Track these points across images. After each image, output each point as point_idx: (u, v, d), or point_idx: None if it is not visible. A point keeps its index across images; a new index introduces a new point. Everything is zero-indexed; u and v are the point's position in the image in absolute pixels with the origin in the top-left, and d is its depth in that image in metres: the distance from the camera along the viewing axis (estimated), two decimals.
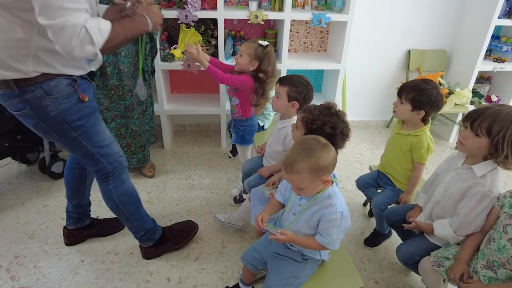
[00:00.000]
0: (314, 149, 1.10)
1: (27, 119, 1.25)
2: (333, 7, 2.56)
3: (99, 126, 1.38)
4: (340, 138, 1.31)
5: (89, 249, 1.80)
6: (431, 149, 1.62)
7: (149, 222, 1.68)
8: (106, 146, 1.41)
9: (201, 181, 2.42)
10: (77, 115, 1.28)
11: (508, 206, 1.18)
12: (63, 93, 1.21)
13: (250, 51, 1.87)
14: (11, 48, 1.10)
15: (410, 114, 1.58)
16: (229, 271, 1.70)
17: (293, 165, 1.08)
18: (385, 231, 1.84)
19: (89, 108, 1.32)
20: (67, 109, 1.25)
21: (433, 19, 2.92)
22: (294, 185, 1.14)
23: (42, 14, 1.00)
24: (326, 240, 1.17)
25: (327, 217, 1.15)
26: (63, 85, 1.22)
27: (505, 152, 1.18)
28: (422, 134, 1.60)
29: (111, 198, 1.52)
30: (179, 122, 3.14)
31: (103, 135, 1.40)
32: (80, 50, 1.06)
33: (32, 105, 1.20)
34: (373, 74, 3.10)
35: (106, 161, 1.43)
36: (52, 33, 1.03)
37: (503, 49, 2.89)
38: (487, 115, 1.19)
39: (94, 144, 1.37)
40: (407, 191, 1.70)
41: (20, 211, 2.06)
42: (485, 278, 1.20)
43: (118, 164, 1.48)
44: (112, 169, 1.46)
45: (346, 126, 1.34)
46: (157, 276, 1.66)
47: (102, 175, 1.47)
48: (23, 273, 1.65)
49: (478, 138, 1.21)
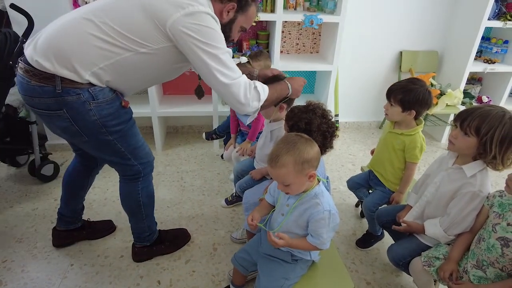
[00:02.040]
0: (297, 143, 1.11)
1: (58, 121, 1.24)
2: (325, 9, 2.57)
3: (134, 128, 1.42)
4: (318, 134, 1.31)
5: (79, 252, 1.77)
6: (424, 149, 1.62)
7: (155, 224, 1.72)
8: (139, 148, 1.44)
9: (193, 183, 2.40)
10: (117, 120, 1.31)
11: (498, 205, 1.19)
12: (107, 98, 1.24)
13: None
14: (86, 57, 1.15)
15: (402, 115, 1.58)
16: (220, 274, 1.68)
17: (278, 158, 1.09)
18: (377, 233, 1.84)
19: (129, 113, 1.36)
20: (109, 115, 1.27)
21: (425, 21, 2.94)
22: (280, 181, 1.14)
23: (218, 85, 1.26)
24: (318, 241, 1.17)
25: (315, 217, 1.16)
26: (107, 90, 1.25)
27: (493, 152, 1.18)
28: (416, 134, 1.60)
29: (136, 198, 1.54)
30: (172, 124, 3.13)
31: (136, 137, 1.43)
32: (256, 106, 1.32)
33: (71, 108, 1.20)
34: (365, 75, 3.12)
35: (138, 162, 1.46)
36: (237, 100, 1.28)
37: (493, 50, 2.92)
38: (476, 115, 1.20)
39: (128, 146, 1.39)
40: (399, 190, 1.70)
41: (8, 215, 2.03)
42: (475, 277, 1.20)
43: (149, 165, 1.52)
44: (143, 169, 1.49)
45: (325, 122, 1.34)
46: (148, 279, 1.64)
47: (132, 175, 1.49)
48: (11, 277, 1.62)
49: (467, 138, 1.22)
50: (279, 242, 1.16)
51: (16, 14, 2.08)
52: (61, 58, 1.14)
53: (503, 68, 2.87)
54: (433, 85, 2.80)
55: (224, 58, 1.23)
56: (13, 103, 2.49)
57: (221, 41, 1.23)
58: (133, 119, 1.41)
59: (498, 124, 1.17)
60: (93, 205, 2.13)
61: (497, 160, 1.20)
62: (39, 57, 1.14)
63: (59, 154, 2.67)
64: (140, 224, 1.64)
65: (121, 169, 1.49)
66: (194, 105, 2.76)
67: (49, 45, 1.15)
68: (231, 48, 2.63)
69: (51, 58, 1.14)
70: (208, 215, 2.08)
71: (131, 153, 1.41)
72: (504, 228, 1.13)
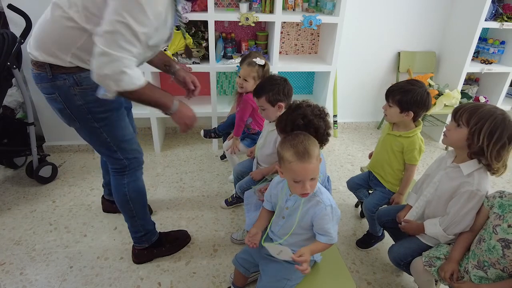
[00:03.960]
0: (311, 137, 1.15)
1: (54, 104, 1.32)
2: (324, 9, 2.57)
3: (121, 122, 1.42)
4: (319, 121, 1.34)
5: (78, 254, 1.76)
6: (423, 150, 1.62)
7: (150, 224, 1.71)
8: (125, 142, 1.46)
9: (192, 184, 2.40)
10: (102, 108, 1.32)
11: (498, 206, 1.20)
12: (92, 85, 1.24)
13: (253, 74, 1.98)
14: (61, 40, 1.19)
15: (400, 116, 1.58)
16: (221, 275, 1.68)
17: (308, 151, 1.08)
18: (378, 233, 1.85)
19: (115, 103, 1.35)
20: (94, 101, 1.28)
21: (422, 22, 2.96)
22: (310, 176, 1.10)
23: (100, 35, 1.06)
24: (328, 237, 1.19)
25: (318, 215, 1.16)
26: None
27: (481, 143, 1.20)
28: (414, 136, 1.60)
29: (123, 192, 1.55)
30: (170, 125, 3.11)
31: (123, 131, 1.44)
32: (104, 80, 1.10)
33: (61, 92, 1.27)
34: (363, 75, 3.12)
35: (124, 156, 1.47)
36: (98, 52, 1.07)
37: (490, 51, 2.94)
38: (469, 107, 1.25)
39: (114, 138, 1.42)
40: (399, 191, 1.71)
41: (6, 217, 2.01)
42: (476, 278, 1.21)
43: (136, 161, 1.53)
44: (128, 164, 1.50)
45: (316, 111, 1.35)
46: (148, 281, 1.63)
47: (118, 168, 1.51)
48: (9, 280, 1.60)
49: (459, 129, 1.25)
50: (301, 260, 1.12)
51: (14, 14, 2.06)
52: (44, 46, 1.21)
53: (500, 68, 2.89)
54: (431, 85, 2.81)
55: (141, 19, 1.06)
56: (10, 104, 2.48)
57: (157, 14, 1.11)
58: (123, 113, 1.43)
59: (488, 117, 1.19)
60: (91, 207, 2.11)
61: (486, 153, 1.20)
62: (31, 49, 1.25)
63: (57, 155, 2.66)
64: (132, 221, 1.64)
65: (109, 161, 1.51)
66: (192, 106, 2.67)
67: (34, 36, 1.25)
68: (231, 48, 2.63)
69: (38, 48, 1.23)
70: (208, 216, 2.08)
71: (117, 146, 1.44)
72: (505, 230, 1.14)
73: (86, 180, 2.38)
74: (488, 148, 1.20)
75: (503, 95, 3.02)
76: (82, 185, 2.32)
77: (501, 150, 1.20)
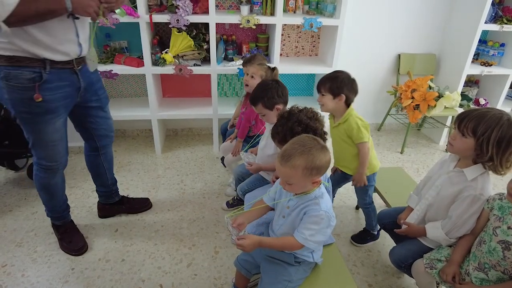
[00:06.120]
0: (313, 148, 1.11)
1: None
2: (324, 12, 2.58)
3: (47, 128, 1.45)
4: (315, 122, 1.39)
5: (79, 256, 1.76)
6: (365, 126, 1.64)
7: (57, 212, 1.78)
8: (46, 146, 1.51)
9: (193, 185, 2.40)
10: (24, 109, 1.37)
11: (497, 208, 1.20)
12: (20, 85, 1.28)
13: (262, 73, 2.00)
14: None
15: (334, 102, 1.63)
16: (222, 277, 1.68)
17: (289, 158, 1.09)
18: (374, 230, 1.88)
19: (40, 108, 1.38)
20: (17, 99, 1.34)
21: (422, 24, 2.97)
22: (284, 179, 1.14)
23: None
24: (301, 236, 1.15)
25: (310, 213, 1.16)
26: (24, 77, 1.30)
27: (490, 153, 1.19)
28: (348, 117, 1.64)
29: (35, 179, 1.64)
30: (171, 126, 3.12)
31: (45, 136, 1.48)
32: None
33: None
34: (364, 78, 3.12)
35: (36, 156, 1.55)
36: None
37: (490, 53, 2.95)
38: (473, 116, 1.22)
39: (31, 136, 1.48)
40: (358, 170, 1.70)
41: (7, 219, 2.01)
42: (477, 279, 1.21)
43: (42, 168, 1.58)
44: (37, 165, 1.58)
45: (308, 113, 1.39)
46: (149, 283, 1.64)
47: (36, 160, 1.58)
48: (11, 282, 1.61)
49: (465, 139, 1.23)
50: (242, 243, 1.14)
51: None
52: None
53: (499, 70, 2.90)
54: (431, 87, 2.82)
55: None
56: None
57: None
58: (49, 121, 1.44)
59: (495, 125, 1.17)
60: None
61: (495, 162, 1.20)
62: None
63: None
64: (44, 203, 1.74)
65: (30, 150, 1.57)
66: (193, 108, 2.76)
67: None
68: (232, 50, 2.64)
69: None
70: (209, 218, 2.08)
71: (32, 145, 1.50)
72: (505, 232, 1.14)
73: (87, 182, 2.38)
74: (498, 156, 1.19)
75: (503, 97, 3.03)
76: (83, 186, 2.33)
77: (511, 156, 1.19)
